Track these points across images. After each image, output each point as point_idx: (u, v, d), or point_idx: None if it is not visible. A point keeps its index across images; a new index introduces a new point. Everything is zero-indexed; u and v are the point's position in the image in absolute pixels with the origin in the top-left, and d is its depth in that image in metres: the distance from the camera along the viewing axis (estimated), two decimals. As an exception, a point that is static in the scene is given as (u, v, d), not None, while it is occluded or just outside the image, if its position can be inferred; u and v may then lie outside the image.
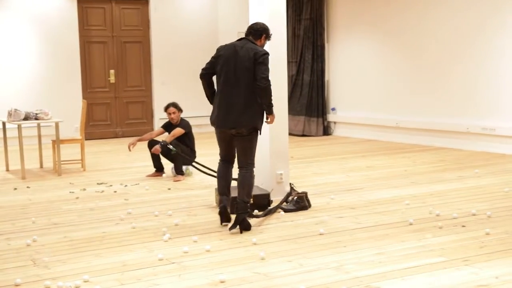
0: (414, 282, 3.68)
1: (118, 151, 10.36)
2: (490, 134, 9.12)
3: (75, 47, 12.16)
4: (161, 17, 12.93)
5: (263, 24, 5.22)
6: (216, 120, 5.08)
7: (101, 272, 3.99)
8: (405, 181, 7.02)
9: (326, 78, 12.31)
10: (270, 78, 4.95)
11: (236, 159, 5.15)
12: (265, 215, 5.36)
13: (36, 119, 8.10)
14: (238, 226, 4.92)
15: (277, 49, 5.95)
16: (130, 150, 7.71)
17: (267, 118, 5.12)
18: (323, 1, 12.14)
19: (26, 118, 8.02)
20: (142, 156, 9.06)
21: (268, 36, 5.20)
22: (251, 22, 6.06)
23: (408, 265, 3.99)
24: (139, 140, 7.77)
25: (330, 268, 3.97)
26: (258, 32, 5.14)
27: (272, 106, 5.04)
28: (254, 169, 5.10)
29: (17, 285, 3.77)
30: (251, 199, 5.15)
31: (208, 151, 9.58)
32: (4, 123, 8.58)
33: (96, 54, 12.54)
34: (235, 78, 4.97)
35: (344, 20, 11.95)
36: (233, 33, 13.26)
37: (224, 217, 5.09)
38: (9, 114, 8.02)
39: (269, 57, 5.00)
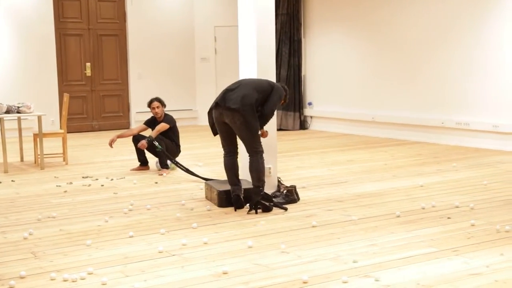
0: (410, 272, 3.83)
1: (96, 144, 10.35)
2: (465, 128, 9.39)
3: (51, 39, 12.06)
4: (138, 10, 12.90)
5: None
6: (215, 101, 5.41)
7: (104, 264, 4.05)
8: (386, 174, 7.20)
9: (303, 72, 12.47)
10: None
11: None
12: (275, 205, 5.53)
13: (18, 112, 8.05)
14: (254, 209, 5.41)
15: (265, 45, 6.03)
16: (111, 147, 7.77)
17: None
18: (300, -3, 12.28)
19: (8, 111, 7.97)
20: (123, 150, 9.10)
21: (286, 96, 5.71)
22: (239, 18, 6.18)
23: (401, 256, 4.14)
24: (119, 137, 7.79)
25: (327, 259, 4.11)
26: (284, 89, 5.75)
27: (265, 125, 5.56)
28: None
29: (22, 277, 3.81)
30: (263, 183, 5.48)
31: (188, 145, 9.67)
32: (-16, 116, 8.50)
33: (72, 47, 12.46)
34: (246, 82, 5.48)
35: (320, 15, 12.11)
36: (209, 26, 13.35)
37: (237, 205, 5.52)
38: (-10, 107, 7.96)
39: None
